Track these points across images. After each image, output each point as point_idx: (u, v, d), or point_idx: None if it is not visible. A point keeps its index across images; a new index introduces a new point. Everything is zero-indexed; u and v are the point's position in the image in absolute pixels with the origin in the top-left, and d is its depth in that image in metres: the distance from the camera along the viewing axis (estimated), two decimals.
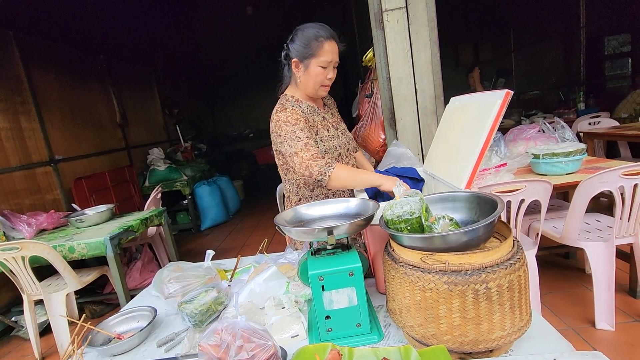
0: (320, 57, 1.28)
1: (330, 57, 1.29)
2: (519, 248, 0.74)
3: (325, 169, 1.15)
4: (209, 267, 1.24)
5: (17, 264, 2.04)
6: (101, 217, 2.61)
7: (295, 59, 1.31)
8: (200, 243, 4.48)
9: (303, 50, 1.29)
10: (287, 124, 1.26)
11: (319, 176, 1.15)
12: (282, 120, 1.28)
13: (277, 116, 1.31)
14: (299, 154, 1.20)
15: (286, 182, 1.49)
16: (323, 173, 1.15)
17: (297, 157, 1.20)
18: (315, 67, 1.29)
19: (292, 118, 1.27)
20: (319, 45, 1.27)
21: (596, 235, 1.81)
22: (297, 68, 1.33)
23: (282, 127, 1.27)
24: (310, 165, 1.16)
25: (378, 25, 2.01)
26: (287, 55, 1.35)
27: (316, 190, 1.44)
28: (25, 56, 3.31)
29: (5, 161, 2.96)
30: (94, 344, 0.97)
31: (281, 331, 0.89)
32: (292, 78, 1.39)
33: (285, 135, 1.25)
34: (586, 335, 1.73)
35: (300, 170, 1.19)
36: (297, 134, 1.23)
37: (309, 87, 1.35)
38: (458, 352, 0.72)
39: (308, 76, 1.32)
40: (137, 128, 5.06)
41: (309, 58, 1.29)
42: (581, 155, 1.82)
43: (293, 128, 1.25)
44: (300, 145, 1.21)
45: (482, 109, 1.05)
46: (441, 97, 2.04)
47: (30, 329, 2.24)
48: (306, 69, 1.31)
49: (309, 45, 1.27)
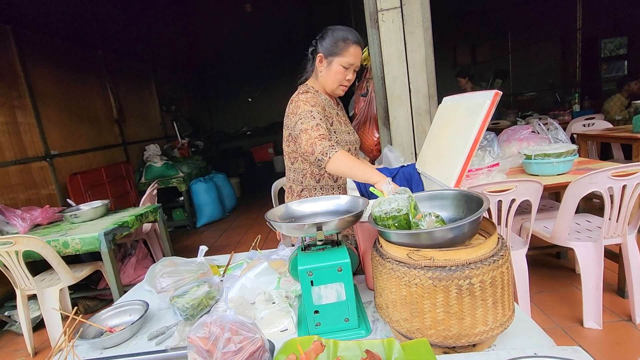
0: (344, 58, 1.35)
1: (353, 60, 1.36)
2: (503, 245, 0.76)
3: (328, 150, 1.17)
4: (202, 262, 1.25)
5: (11, 259, 2.04)
6: (96, 213, 2.61)
7: (321, 54, 1.38)
8: (195, 240, 4.49)
9: (330, 48, 1.36)
10: (306, 104, 1.31)
11: (320, 155, 1.18)
12: (302, 100, 1.34)
13: (297, 97, 1.37)
14: (309, 131, 1.23)
15: (291, 171, 1.50)
16: (325, 153, 1.17)
17: (305, 133, 1.23)
18: (337, 66, 1.37)
19: (312, 100, 1.33)
20: (345, 46, 1.34)
21: (586, 236, 1.83)
22: (321, 63, 1.40)
23: (300, 105, 1.32)
24: (315, 143, 1.19)
25: (373, 25, 2.02)
26: (314, 51, 1.42)
27: (322, 180, 1.46)
28: (22, 50, 3.29)
29: (1, 155, 2.95)
30: (85, 337, 0.98)
31: (270, 325, 0.91)
32: (314, 71, 1.46)
33: (301, 114, 1.29)
34: (574, 333, 1.76)
35: (305, 147, 1.22)
36: (312, 114, 1.28)
37: (328, 83, 1.42)
38: (442, 346, 0.73)
39: (329, 72, 1.39)
40: (134, 124, 5.04)
41: (334, 56, 1.36)
42: (572, 156, 1.84)
43: (311, 108, 1.30)
44: (312, 124, 1.24)
45: (471, 109, 1.07)
46: (435, 96, 2.05)
47: (24, 323, 2.24)
48: (329, 65, 1.38)
49: (336, 44, 1.35)
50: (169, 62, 6.30)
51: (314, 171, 1.45)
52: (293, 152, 1.45)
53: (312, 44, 1.43)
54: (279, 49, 7.63)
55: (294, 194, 1.50)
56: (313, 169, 1.45)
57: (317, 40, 1.41)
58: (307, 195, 1.47)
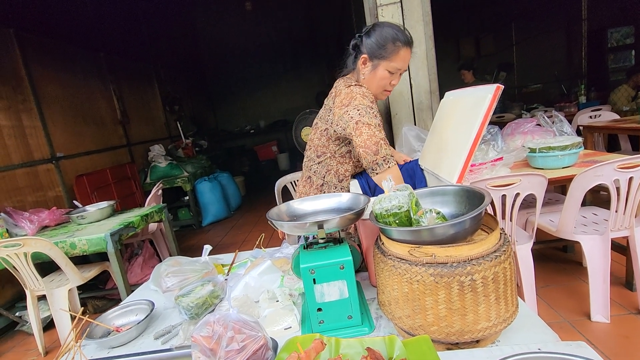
0: (391, 62, 1.22)
1: (401, 65, 1.24)
2: (506, 241, 0.75)
3: (390, 159, 1.11)
4: (206, 261, 1.26)
5: (20, 260, 2.07)
6: (102, 214, 2.64)
7: (366, 55, 1.25)
8: (201, 239, 4.52)
9: (377, 50, 1.23)
10: (365, 98, 1.19)
11: (381, 160, 1.10)
12: (359, 93, 1.21)
13: (349, 88, 1.23)
14: (372, 127, 1.12)
15: (315, 163, 1.41)
16: (387, 160, 1.10)
17: (368, 128, 1.12)
18: (383, 71, 1.24)
19: (369, 96, 1.21)
20: (395, 49, 1.21)
21: (592, 229, 1.81)
22: (365, 65, 1.27)
23: (357, 97, 1.19)
24: (381, 144, 1.11)
25: (373, 20, 2.01)
26: (356, 46, 1.29)
27: (344, 181, 1.40)
28: (26, 54, 3.32)
29: (8, 159, 2.99)
30: (93, 337, 0.99)
31: (274, 323, 0.91)
32: (355, 71, 1.33)
33: (359, 105, 1.17)
34: (581, 327, 1.75)
35: (367, 142, 1.11)
36: (374, 112, 1.17)
37: (372, 88, 1.29)
38: (445, 342, 0.73)
39: (373, 76, 1.27)
40: (138, 125, 5.08)
41: (380, 59, 1.23)
42: (578, 148, 1.82)
43: (371, 104, 1.18)
44: (375, 122, 1.14)
45: (473, 104, 1.06)
46: (436, 92, 2.04)
47: (34, 323, 2.28)
48: (374, 69, 1.25)
49: (384, 47, 1.21)
50: (171, 62, 6.32)
51: (339, 170, 1.38)
52: (322, 147, 1.37)
53: (355, 37, 1.28)
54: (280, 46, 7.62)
55: (312, 186, 1.43)
56: (339, 168, 1.38)
57: (361, 36, 1.26)
58: (327, 191, 1.40)
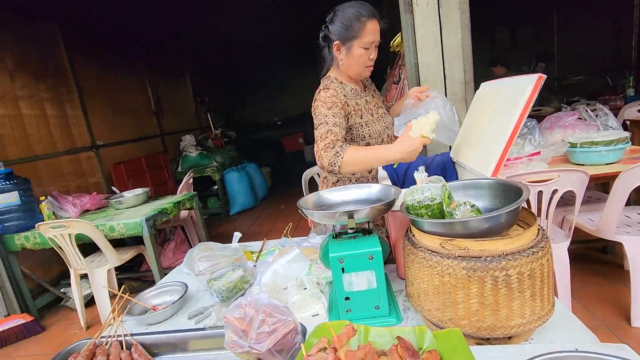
0: (362, 39, 1.23)
1: (373, 38, 1.24)
2: (544, 237, 0.73)
3: (334, 159, 1.13)
4: (236, 248, 1.30)
5: (65, 241, 2.23)
6: (138, 200, 2.78)
7: (337, 42, 1.27)
8: (229, 227, 4.65)
9: (345, 32, 1.24)
10: (323, 106, 1.24)
11: (329, 167, 1.14)
12: (321, 100, 1.26)
13: (318, 95, 1.29)
14: (317, 142, 1.18)
15: None
16: (333, 164, 1.13)
17: (315, 144, 1.19)
18: (358, 49, 1.25)
19: (329, 100, 1.24)
20: (361, 25, 1.21)
21: (637, 229, 1.71)
22: (339, 51, 1.29)
23: (318, 107, 1.25)
24: (322, 156, 1.15)
25: (407, 9, 1.96)
26: (326, 37, 1.31)
27: (357, 173, 1.43)
28: (69, 48, 3.52)
29: (54, 146, 3.20)
30: (131, 314, 1.05)
31: (302, 310, 0.93)
32: (333, 60, 1.35)
33: (318, 117, 1.24)
34: (620, 332, 1.66)
35: (316, 161, 1.18)
36: (327, 118, 1.21)
37: (352, 70, 1.32)
38: (475, 337, 0.72)
39: (351, 58, 1.28)
40: (170, 116, 5.26)
41: (351, 40, 1.24)
42: (624, 144, 1.71)
43: (326, 112, 1.22)
44: (322, 132, 1.19)
45: (512, 95, 1.02)
46: (471, 83, 1.96)
47: (77, 300, 2.45)
48: (348, 52, 1.27)
49: (350, 27, 1.22)
50: (202, 56, 6.47)
51: None
52: None
53: (322, 29, 1.30)
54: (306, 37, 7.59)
55: (328, 184, 1.47)
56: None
57: (327, 25, 1.28)
58: None
